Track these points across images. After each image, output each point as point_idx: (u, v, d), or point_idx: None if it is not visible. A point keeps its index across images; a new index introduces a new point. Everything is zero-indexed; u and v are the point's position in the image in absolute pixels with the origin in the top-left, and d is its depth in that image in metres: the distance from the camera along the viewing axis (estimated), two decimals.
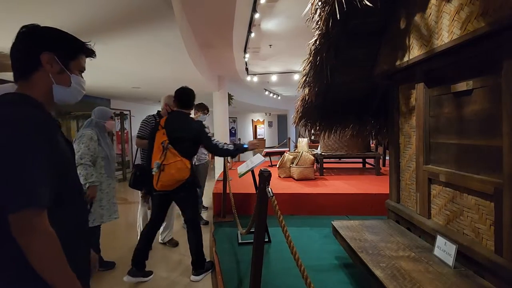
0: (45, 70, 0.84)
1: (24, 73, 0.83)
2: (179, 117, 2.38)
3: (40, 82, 0.84)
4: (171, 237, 3.14)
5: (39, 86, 0.84)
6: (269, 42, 5.84)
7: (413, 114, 2.10)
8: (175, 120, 2.36)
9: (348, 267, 2.29)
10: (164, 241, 3.10)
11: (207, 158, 3.68)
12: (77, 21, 3.08)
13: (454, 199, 1.69)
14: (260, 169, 1.65)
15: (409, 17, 1.91)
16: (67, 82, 0.89)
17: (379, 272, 1.54)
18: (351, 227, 2.25)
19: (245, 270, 2.33)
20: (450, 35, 1.52)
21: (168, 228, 3.10)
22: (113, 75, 5.53)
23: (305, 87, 2.51)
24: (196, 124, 2.40)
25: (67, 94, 0.90)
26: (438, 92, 1.82)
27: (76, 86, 0.91)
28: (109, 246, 3.04)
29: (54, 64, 0.85)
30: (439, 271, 1.51)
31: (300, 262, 1.27)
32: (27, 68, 0.83)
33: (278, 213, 1.43)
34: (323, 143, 5.37)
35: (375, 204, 3.51)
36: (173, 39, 3.69)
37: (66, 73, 0.88)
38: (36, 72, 0.83)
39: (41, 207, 0.71)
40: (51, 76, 0.85)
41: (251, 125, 18.72)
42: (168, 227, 3.10)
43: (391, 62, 2.14)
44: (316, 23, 2.07)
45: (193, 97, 2.50)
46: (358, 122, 2.94)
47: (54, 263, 0.72)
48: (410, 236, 2.00)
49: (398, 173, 2.34)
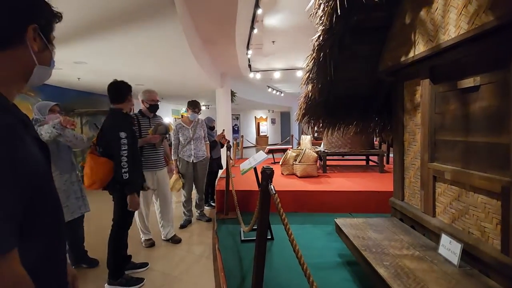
0: (26, 47, 0.63)
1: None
2: (108, 114, 2.27)
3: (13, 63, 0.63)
4: (173, 234, 3.15)
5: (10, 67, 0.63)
6: (272, 38, 5.80)
7: (418, 111, 2.06)
8: (107, 118, 2.26)
9: (351, 265, 2.28)
10: (167, 238, 3.11)
11: (205, 155, 3.61)
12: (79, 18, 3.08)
13: (459, 197, 1.66)
14: (263, 167, 1.63)
15: (415, 12, 1.87)
16: (48, 60, 0.70)
17: (383, 270, 1.53)
18: (354, 225, 2.24)
19: (247, 267, 2.33)
20: (457, 29, 1.48)
21: (168, 225, 3.12)
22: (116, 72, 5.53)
23: (308, 83, 2.48)
24: (114, 125, 2.15)
25: (45, 75, 0.71)
26: (444, 89, 1.79)
27: (53, 64, 0.73)
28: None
29: (38, 39, 0.65)
30: (443, 270, 1.49)
31: (303, 259, 1.26)
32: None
33: (281, 211, 1.42)
34: (326, 140, 5.34)
35: (379, 202, 3.49)
36: (176, 36, 3.68)
37: (48, 49, 0.69)
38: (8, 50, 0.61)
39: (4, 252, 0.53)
40: (33, 55, 0.64)
41: (254, 122, 18.71)
42: (168, 224, 3.11)
43: (396, 58, 2.10)
44: (319, 19, 2.04)
45: (124, 89, 2.25)
46: (362, 119, 2.91)
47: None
48: (414, 235, 1.98)
49: (402, 170, 2.32)
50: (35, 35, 0.64)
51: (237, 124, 16.93)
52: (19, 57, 0.63)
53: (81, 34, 3.53)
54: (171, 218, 3.15)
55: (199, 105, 3.61)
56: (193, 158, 3.47)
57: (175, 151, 3.52)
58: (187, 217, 3.63)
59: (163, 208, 3.07)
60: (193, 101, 3.60)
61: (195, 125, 3.54)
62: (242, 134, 11.02)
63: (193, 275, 2.45)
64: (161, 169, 3.01)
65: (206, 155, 3.63)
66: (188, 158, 3.47)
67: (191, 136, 3.47)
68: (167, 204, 3.08)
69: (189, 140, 3.47)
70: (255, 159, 2.79)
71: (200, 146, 3.54)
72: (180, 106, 13.60)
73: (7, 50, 0.61)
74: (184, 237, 3.25)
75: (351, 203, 3.60)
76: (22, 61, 0.64)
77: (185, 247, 3.01)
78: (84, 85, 6.68)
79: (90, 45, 3.98)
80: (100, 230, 3.11)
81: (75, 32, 3.42)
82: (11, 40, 0.62)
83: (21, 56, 0.64)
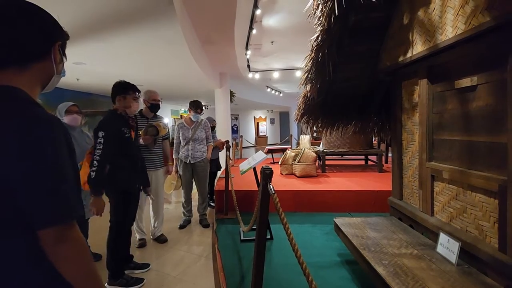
0: (50, 59, 0.76)
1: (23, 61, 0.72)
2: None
3: (40, 73, 0.75)
4: (160, 233, 3.16)
5: (38, 77, 0.75)
6: (271, 38, 5.81)
7: (416, 110, 2.08)
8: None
9: (350, 264, 2.29)
10: (154, 237, 3.14)
11: (204, 157, 3.51)
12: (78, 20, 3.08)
13: (457, 196, 1.68)
14: (262, 166, 1.64)
15: (413, 12, 1.88)
16: (61, 70, 0.83)
17: (381, 269, 1.54)
18: (353, 224, 2.25)
19: (247, 267, 2.33)
20: (455, 30, 1.50)
21: (157, 225, 3.14)
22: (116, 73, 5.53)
23: (307, 83, 2.49)
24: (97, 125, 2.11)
25: (57, 82, 0.84)
26: (441, 88, 1.80)
27: (64, 73, 0.87)
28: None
29: (58, 53, 0.79)
30: (442, 269, 1.50)
31: (302, 258, 1.26)
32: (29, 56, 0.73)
33: (280, 210, 1.43)
34: (325, 140, 5.35)
35: (378, 201, 3.50)
36: (174, 36, 3.69)
37: (62, 61, 0.83)
38: (39, 61, 0.74)
39: (74, 219, 0.68)
40: (54, 66, 0.78)
41: (253, 122, 18.71)
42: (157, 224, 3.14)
43: (394, 58, 2.12)
44: (318, 19, 2.05)
45: (113, 90, 2.28)
46: (360, 118, 2.92)
47: (90, 270, 0.70)
48: (412, 233, 1.99)
49: (400, 170, 2.33)
50: (58, 49, 0.79)
51: (236, 124, 16.93)
52: (46, 67, 0.77)
53: (80, 36, 3.53)
54: (161, 219, 3.16)
55: (201, 105, 3.54)
56: (190, 159, 3.43)
57: (176, 150, 3.51)
58: (187, 217, 3.63)
59: (154, 207, 3.10)
60: (195, 101, 3.52)
61: (196, 126, 3.50)
62: (241, 134, 11.02)
63: (193, 275, 2.46)
64: (156, 170, 3.01)
65: (206, 157, 3.55)
66: (185, 158, 3.44)
67: (190, 136, 3.46)
68: (159, 204, 3.10)
69: (187, 140, 3.46)
70: (254, 159, 2.79)
71: (198, 147, 3.47)
72: (179, 106, 13.60)
73: (40, 62, 0.75)
74: (184, 237, 3.25)
75: (350, 202, 3.61)
76: (46, 71, 0.78)
77: (185, 247, 3.01)
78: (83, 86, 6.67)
79: (89, 46, 3.98)
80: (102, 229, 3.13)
81: (74, 33, 3.42)
82: (44, 54, 0.76)
83: (47, 67, 0.77)
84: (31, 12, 0.73)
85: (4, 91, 0.67)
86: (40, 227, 0.63)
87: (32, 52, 0.73)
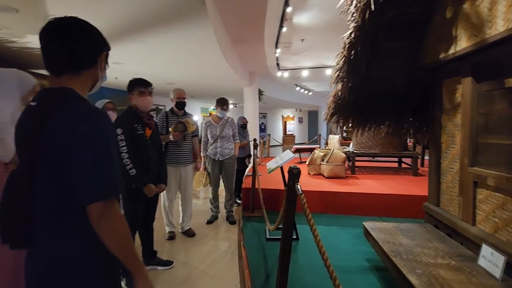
0: (97, 67, 0.91)
1: (77, 68, 0.86)
2: None
3: (89, 78, 0.90)
4: (189, 227, 3.26)
5: (88, 81, 0.90)
6: (301, 36, 5.72)
7: (458, 111, 1.93)
8: None
9: (379, 270, 2.20)
10: (183, 231, 3.24)
11: (232, 154, 3.57)
12: (118, 21, 3.26)
13: (504, 206, 1.53)
14: (290, 166, 1.63)
15: (457, 5, 1.74)
16: (103, 75, 0.97)
17: (414, 278, 1.45)
18: (384, 229, 2.15)
19: (272, 266, 2.33)
20: (506, 23, 1.36)
21: (186, 219, 3.23)
22: (149, 71, 5.79)
23: (338, 82, 2.42)
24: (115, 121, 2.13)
25: (100, 85, 0.98)
26: (488, 87, 1.65)
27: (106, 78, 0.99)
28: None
29: (103, 62, 0.94)
30: (483, 283, 1.38)
31: (329, 261, 1.23)
32: (82, 64, 0.87)
33: (307, 211, 1.41)
34: (356, 140, 5.17)
35: (411, 206, 3.32)
36: (206, 36, 3.77)
37: (106, 68, 0.97)
38: (89, 68, 0.89)
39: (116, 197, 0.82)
40: (99, 72, 0.93)
41: (281, 120, 18.62)
42: (185, 218, 3.23)
43: (434, 55, 1.98)
44: (351, 15, 1.98)
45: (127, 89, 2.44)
46: (394, 119, 2.78)
47: (128, 241, 0.83)
48: (450, 243, 1.86)
49: (438, 174, 2.18)
50: (104, 58, 0.94)
51: (264, 122, 16.96)
52: (94, 73, 0.92)
53: (118, 37, 3.75)
54: (190, 213, 3.25)
55: (227, 103, 3.61)
56: (219, 156, 3.51)
57: (204, 148, 3.60)
58: (214, 213, 3.71)
59: (183, 202, 3.20)
60: (222, 98, 3.60)
61: (223, 123, 3.56)
62: (269, 133, 11.02)
63: (219, 270, 2.51)
64: (186, 166, 3.10)
65: (234, 154, 3.62)
66: (213, 156, 3.52)
67: (218, 134, 3.53)
68: (187, 199, 3.18)
69: (215, 138, 3.53)
70: (281, 158, 2.78)
71: (226, 145, 3.54)
72: (209, 104, 13.92)
73: (90, 69, 0.89)
74: (211, 232, 3.33)
75: (380, 206, 3.46)
76: (94, 76, 0.92)
77: (212, 242, 3.09)
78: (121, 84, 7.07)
79: (126, 47, 4.21)
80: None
81: (114, 34, 3.63)
82: (93, 63, 0.90)
83: (95, 72, 0.92)
84: (86, 29, 0.88)
85: (64, 90, 0.83)
86: (89, 202, 0.76)
87: (85, 61, 0.87)
